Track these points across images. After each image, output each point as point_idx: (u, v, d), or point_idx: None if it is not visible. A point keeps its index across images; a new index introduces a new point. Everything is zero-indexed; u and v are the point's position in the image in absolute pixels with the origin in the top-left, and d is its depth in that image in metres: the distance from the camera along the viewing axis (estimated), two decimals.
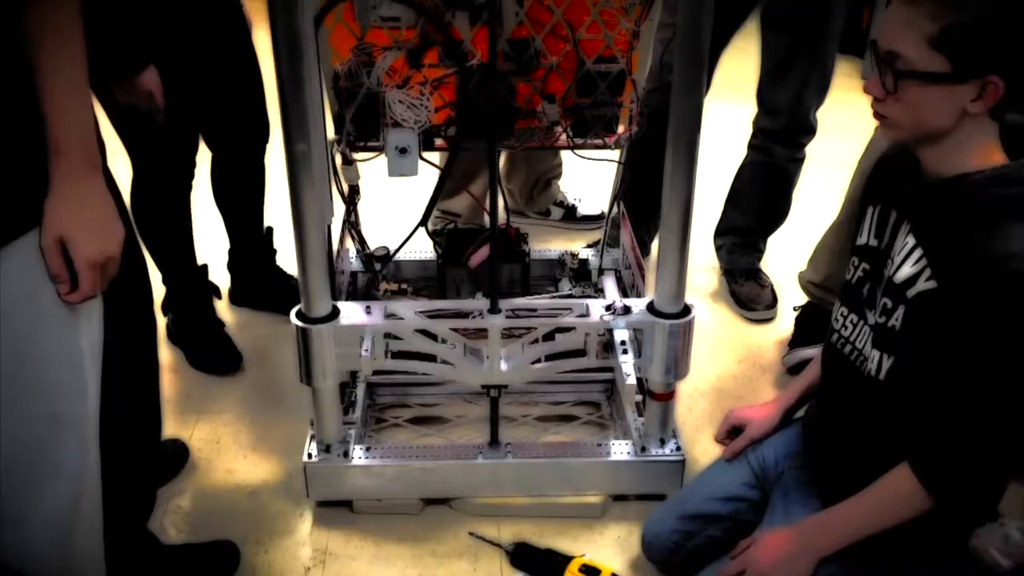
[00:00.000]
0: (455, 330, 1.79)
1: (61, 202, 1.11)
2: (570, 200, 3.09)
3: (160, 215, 2.23)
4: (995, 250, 1.19)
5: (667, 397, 1.88)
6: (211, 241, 2.55)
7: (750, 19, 2.41)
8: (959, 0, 1.16)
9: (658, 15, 1.99)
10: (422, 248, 2.51)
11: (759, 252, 2.72)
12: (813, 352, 1.71)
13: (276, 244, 2.60)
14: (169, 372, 2.34)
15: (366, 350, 1.75)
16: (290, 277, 2.56)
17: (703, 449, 2.11)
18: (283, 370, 2.39)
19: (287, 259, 2.58)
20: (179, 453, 2.08)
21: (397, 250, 2.11)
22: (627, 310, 1.77)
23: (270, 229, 2.57)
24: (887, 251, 1.36)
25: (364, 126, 1.99)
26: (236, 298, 2.63)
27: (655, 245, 2.52)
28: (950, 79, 1.20)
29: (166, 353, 2.40)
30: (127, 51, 1.89)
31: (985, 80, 1.19)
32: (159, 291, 2.38)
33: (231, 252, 2.57)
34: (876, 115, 1.30)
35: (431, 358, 1.84)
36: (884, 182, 1.42)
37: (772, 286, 2.68)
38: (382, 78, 1.90)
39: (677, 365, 1.78)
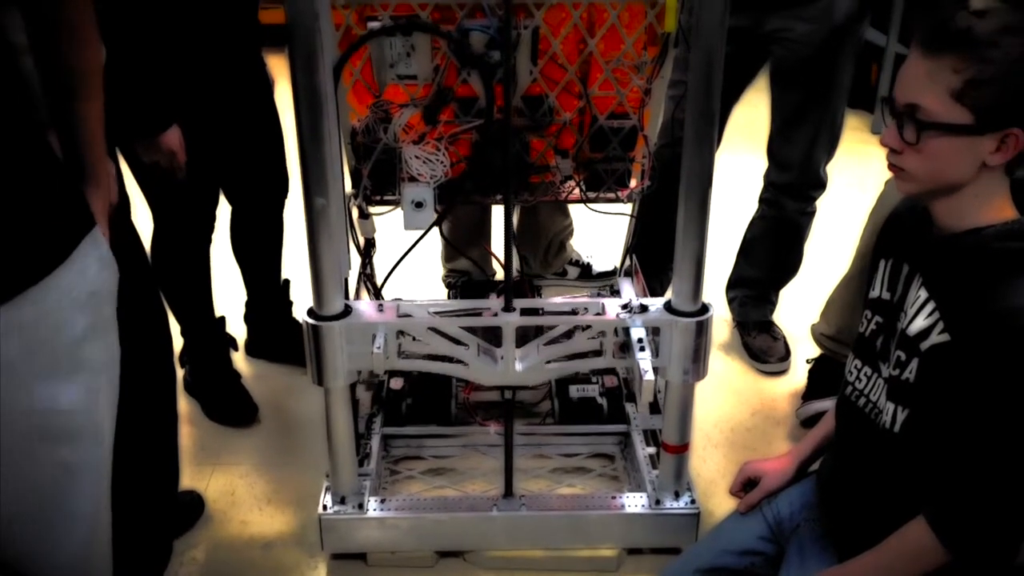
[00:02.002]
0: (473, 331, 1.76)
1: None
2: (584, 259, 3.10)
3: (180, 268, 2.27)
4: (1006, 304, 1.20)
5: (681, 449, 1.88)
6: (228, 293, 2.58)
7: (759, 75, 2.46)
8: (982, 54, 1.18)
9: (669, 73, 2.03)
10: (437, 300, 2.54)
11: (771, 304, 2.73)
12: (827, 404, 1.70)
13: (292, 296, 2.62)
14: (186, 423, 2.35)
15: (378, 347, 1.71)
16: None
17: (718, 502, 2.10)
18: (299, 422, 2.40)
19: (303, 311, 2.61)
20: (195, 504, 2.09)
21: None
22: (644, 309, 1.74)
23: (287, 282, 2.59)
24: (900, 304, 1.38)
25: (381, 180, 2.03)
26: (252, 350, 2.65)
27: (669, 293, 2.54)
28: (972, 131, 1.21)
29: (183, 404, 2.41)
30: (151, 111, 1.94)
31: (1006, 132, 1.21)
32: (177, 343, 2.41)
33: (248, 304, 2.59)
34: (892, 167, 1.31)
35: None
36: (896, 236, 1.44)
37: (785, 338, 2.69)
38: (399, 134, 1.94)
39: (695, 365, 1.73)
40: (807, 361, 2.51)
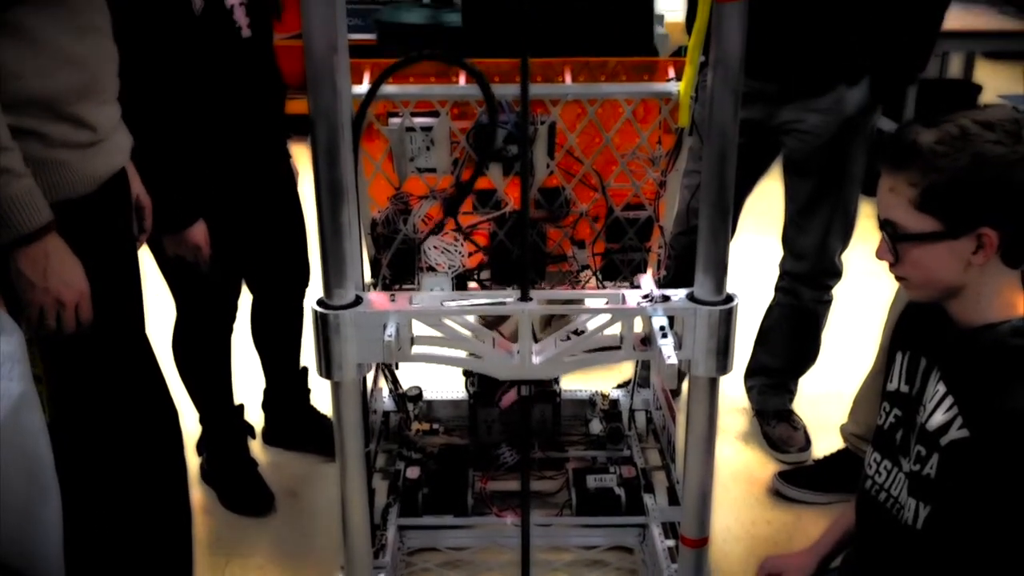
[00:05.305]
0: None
1: None
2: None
3: (201, 357, 2.29)
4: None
5: (700, 543, 1.84)
6: (246, 381, 2.59)
7: (773, 165, 2.49)
8: (932, 163, 1.23)
9: (684, 164, 2.07)
10: (455, 388, 2.54)
11: (790, 393, 2.71)
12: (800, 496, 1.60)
13: (310, 384, 2.63)
14: (201, 513, 2.34)
15: (389, 336, 1.56)
16: (323, 417, 2.58)
17: None
18: (315, 512, 2.38)
19: (321, 399, 2.61)
20: None
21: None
22: (666, 299, 1.68)
23: (305, 369, 2.60)
24: (919, 397, 1.37)
25: (399, 270, 2.06)
26: (270, 438, 2.64)
27: (685, 385, 2.53)
28: (944, 236, 1.25)
29: (200, 493, 2.40)
30: (178, 206, 1.99)
31: (979, 233, 1.23)
32: (195, 430, 2.41)
33: (266, 392, 2.60)
34: (897, 278, 1.35)
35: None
36: (912, 329, 1.45)
37: (805, 428, 2.66)
38: (418, 225, 1.98)
39: (720, 358, 1.60)
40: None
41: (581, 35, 2.34)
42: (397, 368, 2.38)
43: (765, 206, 2.74)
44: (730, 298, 1.65)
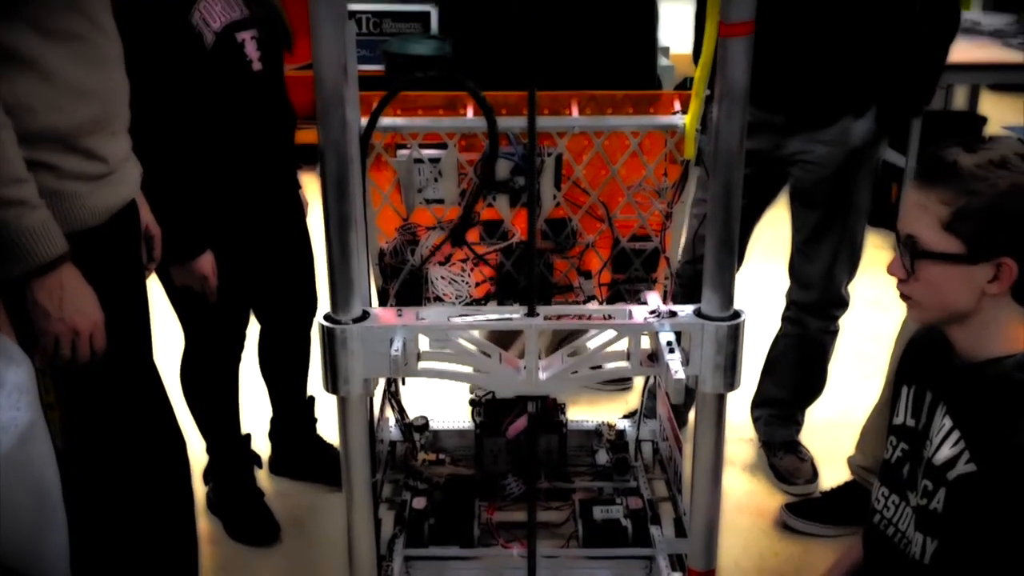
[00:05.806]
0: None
1: None
2: None
3: (209, 386, 2.30)
4: None
5: None
6: (253, 409, 2.60)
7: (780, 195, 2.50)
8: (968, 186, 1.23)
9: (691, 196, 2.07)
10: (461, 418, 2.53)
11: (797, 424, 2.70)
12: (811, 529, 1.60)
13: (317, 413, 2.63)
14: (207, 543, 2.33)
15: (396, 350, 1.56)
16: (330, 446, 2.58)
17: None
18: (321, 541, 2.38)
19: (328, 428, 2.61)
20: None
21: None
22: (673, 314, 1.67)
23: (312, 398, 2.61)
24: (925, 432, 1.37)
25: (406, 301, 2.07)
26: (276, 467, 2.64)
27: (692, 415, 2.53)
28: (965, 260, 1.25)
29: (206, 523, 2.40)
30: (186, 237, 2.00)
31: (999, 262, 1.24)
32: (202, 459, 2.41)
33: (273, 421, 2.60)
34: (902, 296, 1.35)
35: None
36: (917, 362, 1.45)
37: (812, 460, 2.65)
38: (426, 255, 1.99)
39: (728, 374, 1.59)
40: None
41: (581, 68, 2.34)
42: (403, 383, 2.38)
43: (772, 235, 2.75)
44: (737, 314, 1.64)
